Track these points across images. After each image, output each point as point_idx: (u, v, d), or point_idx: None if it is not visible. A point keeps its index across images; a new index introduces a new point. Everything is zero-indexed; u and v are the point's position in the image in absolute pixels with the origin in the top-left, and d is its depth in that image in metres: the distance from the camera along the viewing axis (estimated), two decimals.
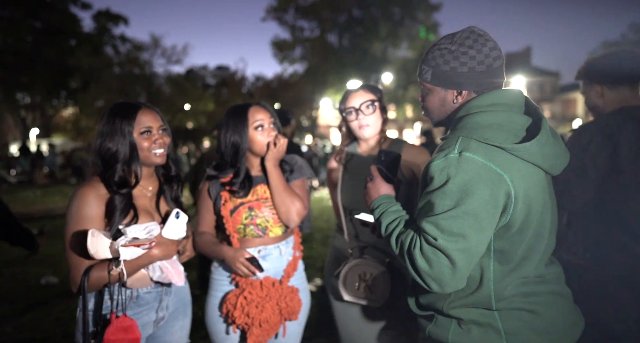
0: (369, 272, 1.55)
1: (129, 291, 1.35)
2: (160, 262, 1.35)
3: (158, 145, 1.40)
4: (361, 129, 1.65)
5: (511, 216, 0.96)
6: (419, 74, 1.13)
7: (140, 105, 1.42)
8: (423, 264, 0.94)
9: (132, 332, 1.26)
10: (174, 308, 1.47)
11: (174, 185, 1.50)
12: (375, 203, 1.15)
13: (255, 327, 1.48)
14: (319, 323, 2.92)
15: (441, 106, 1.10)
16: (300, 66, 23.27)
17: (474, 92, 1.06)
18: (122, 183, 1.35)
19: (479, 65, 1.02)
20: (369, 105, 1.65)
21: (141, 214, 1.39)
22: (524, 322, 1.02)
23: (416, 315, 1.19)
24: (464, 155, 0.95)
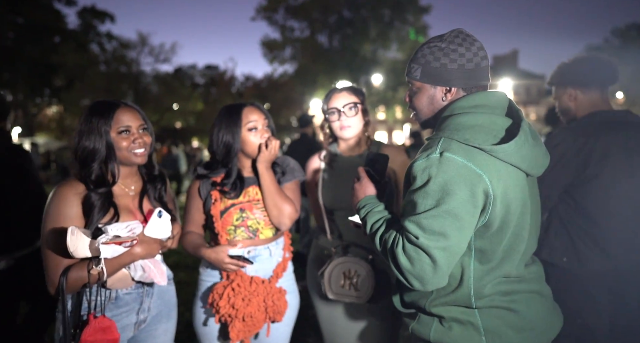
0: (354, 269, 1.57)
1: (107, 292, 1.32)
2: (143, 261, 1.33)
3: (137, 144, 1.37)
4: (342, 130, 1.67)
5: (490, 215, 0.98)
6: (407, 73, 1.14)
7: (119, 103, 1.39)
8: (405, 262, 0.96)
9: (111, 333, 1.23)
10: (157, 311, 1.43)
11: (158, 185, 1.48)
12: (361, 203, 1.17)
13: (238, 320, 1.46)
14: (306, 322, 2.91)
15: (429, 104, 1.11)
16: (290, 66, 23.24)
17: (462, 91, 1.08)
18: (99, 182, 1.33)
19: (468, 62, 1.04)
20: (351, 107, 1.66)
21: (123, 213, 1.36)
22: (503, 320, 1.04)
23: (400, 312, 1.20)
24: (445, 155, 0.97)
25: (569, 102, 1.72)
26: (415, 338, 1.15)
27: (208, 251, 1.47)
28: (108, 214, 1.31)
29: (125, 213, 1.37)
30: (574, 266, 1.60)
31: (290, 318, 1.64)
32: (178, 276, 1.55)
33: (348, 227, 1.65)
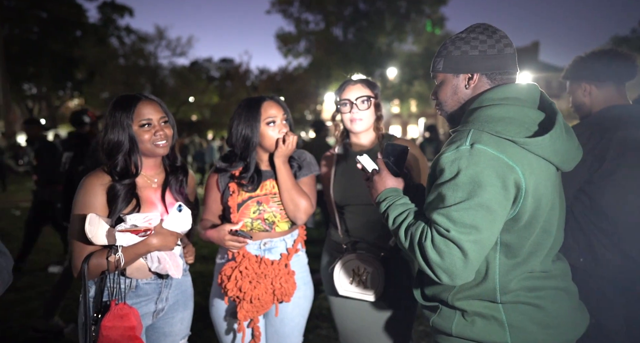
0: (363, 266, 1.55)
1: (128, 280, 1.37)
2: (159, 252, 1.36)
3: (159, 137, 1.41)
4: (353, 123, 1.64)
5: (520, 209, 0.96)
6: (432, 69, 1.14)
7: (140, 97, 1.43)
8: (434, 256, 0.94)
9: (129, 320, 1.27)
10: (174, 301, 1.49)
11: (180, 176, 1.52)
12: (381, 196, 1.15)
13: (246, 302, 1.49)
14: (320, 314, 3.00)
15: (453, 94, 1.10)
16: (304, 60, 23.18)
17: (486, 79, 1.06)
18: (123, 174, 1.38)
19: (490, 48, 1.04)
20: (364, 100, 1.62)
21: (145, 204, 1.41)
22: (528, 316, 1.02)
23: (421, 305, 1.19)
24: (476, 147, 0.94)
25: (583, 98, 1.67)
26: (436, 332, 1.14)
27: (211, 231, 1.51)
28: (130, 205, 1.36)
29: (147, 204, 1.42)
30: (591, 266, 1.56)
31: (304, 309, 1.66)
32: (193, 267, 1.63)
33: (358, 223, 1.65)
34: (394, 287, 1.55)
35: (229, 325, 1.61)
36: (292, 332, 1.64)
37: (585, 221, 1.58)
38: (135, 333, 1.27)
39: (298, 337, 1.67)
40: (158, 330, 1.48)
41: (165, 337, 1.49)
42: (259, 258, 1.55)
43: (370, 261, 1.55)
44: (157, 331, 1.48)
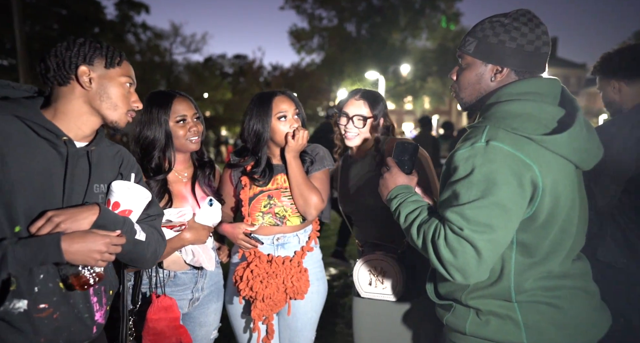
0: (379, 266, 1.53)
1: (166, 271, 1.43)
2: (193, 246, 1.41)
3: (192, 132, 1.46)
4: (345, 139, 1.63)
5: (536, 208, 0.94)
6: (460, 47, 1.07)
7: (175, 94, 1.48)
8: (447, 254, 0.92)
9: (172, 311, 1.34)
10: (209, 291, 1.54)
11: (207, 170, 1.57)
12: (392, 193, 1.13)
13: (259, 301, 1.52)
14: (335, 310, 3.06)
15: (476, 83, 1.05)
16: (317, 56, 23.13)
17: (514, 75, 1.01)
18: (157, 170, 1.43)
19: (529, 44, 0.98)
20: (360, 119, 1.59)
21: (176, 198, 1.46)
22: (544, 316, 0.99)
23: (435, 304, 1.17)
24: (491, 144, 0.92)
25: (614, 95, 1.61)
26: (449, 330, 1.12)
27: (227, 225, 1.54)
28: (163, 200, 1.41)
29: (178, 198, 1.46)
30: (632, 267, 1.48)
31: (317, 304, 1.66)
32: None
33: (369, 226, 1.64)
34: (416, 285, 1.53)
35: (244, 323, 1.65)
36: (305, 326, 1.66)
37: (624, 220, 1.49)
38: (179, 322, 1.34)
39: (311, 331, 1.69)
40: (194, 320, 1.54)
41: (201, 326, 1.55)
42: (270, 257, 1.57)
43: (386, 260, 1.54)
44: (193, 321, 1.54)
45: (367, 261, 1.57)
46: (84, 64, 1.02)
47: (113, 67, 1.06)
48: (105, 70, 1.05)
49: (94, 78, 1.04)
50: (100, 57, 1.05)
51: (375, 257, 1.56)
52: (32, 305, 0.96)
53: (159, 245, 1.16)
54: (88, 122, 1.06)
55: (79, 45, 1.03)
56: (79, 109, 1.04)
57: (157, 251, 1.16)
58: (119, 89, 1.07)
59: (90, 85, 1.03)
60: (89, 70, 1.03)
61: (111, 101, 1.06)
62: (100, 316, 1.09)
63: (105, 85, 1.05)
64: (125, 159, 1.19)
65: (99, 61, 1.05)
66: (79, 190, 1.04)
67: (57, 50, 1.03)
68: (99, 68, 1.05)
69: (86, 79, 1.02)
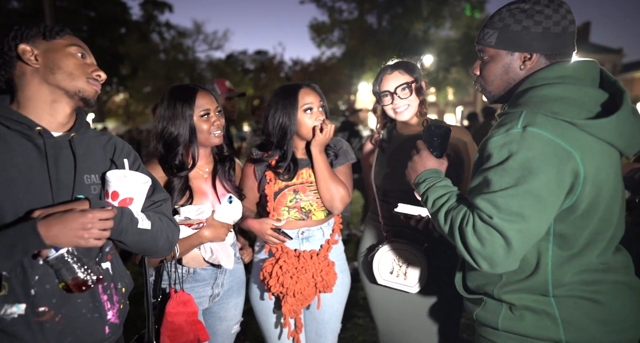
0: (404, 256, 1.50)
1: (186, 268, 1.43)
2: (211, 243, 1.40)
3: (216, 126, 1.43)
4: (397, 115, 1.59)
5: (577, 198, 0.89)
6: (479, 41, 1.03)
7: (197, 88, 1.44)
8: (475, 242, 0.89)
9: (191, 306, 1.34)
10: (228, 287, 1.54)
11: (227, 164, 1.55)
12: (421, 177, 1.09)
13: (289, 296, 1.51)
14: (356, 303, 3.07)
15: (504, 74, 1.00)
16: (338, 49, 22.93)
17: (544, 59, 0.97)
18: (181, 166, 1.40)
19: (555, 26, 0.93)
20: (404, 88, 1.56)
21: (197, 194, 1.43)
22: (584, 311, 0.96)
23: (463, 298, 1.15)
24: (529, 130, 0.87)
25: None
26: (480, 325, 1.09)
27: (253, 221, 1.53)
28: (184, 197, 1.40)
29: (199, 194, 1.44)
30: None
31: (342, 296, 1.67)
32: None
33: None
34: (437, 280, 1.49)
35: (274, 319, 1.64)
36: (331, 318, 1.66)
37: None
38: (197, 317, 1.34)
39: (336, 323, 1.69)
40: (214, 314, 1.54)
41: (221, 321, 1.56)
42: (297, 253, 1.56)
43: (411, 251, 1.50)
44: (213, 315, 1.55)
45: (391, 249, 1.53)
46: (21, 42, 0.97)
47: (54, 38, 1.00)
48: (46, 42, 0.99)
49: (38, 54, 0.98)
50: (37, 33, 1.00)
51: (402, 246, 1.51)
52: (30, 309, 0.91)
53: (170, 231, 1.10)
54: (56, 105, 1.00)
55: (14, 31, 0.99)
56: (38, 90, 0.98)
57: (169, 237, 1.10)
58: (70, 59, 1.00)
59: (37, 61, 0.98)
60: (31, 47, 0.98)
61: (63, 71, 0.99)
62: (113, 315, 1.05)
63: (52, 57, 0.99)
64: (118, 147, 1.13)
65: (36, 36, 0.99)
66: (67, 182, 0.98)
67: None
68: (39, 42, 0.99)
69: (30, 56, 0.97)
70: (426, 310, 1.58)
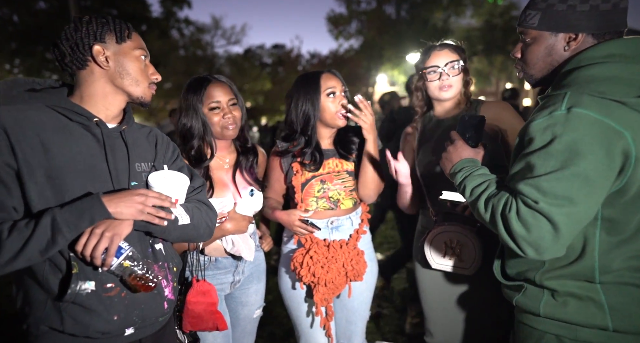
0: (456, 239, 1.47)
1: (207, 257, 1.47)
2: (233, 235, 1.43)
3: (227, 119, 1.42)
4: (442, 90, 1.54)
5: (628, 180, 0.86)
6: (520, 23, 1.01)
7: (210, 79, 1.44)
8: (519, 229, 0.87)
9: (210, 297, 1.37)
10: (249, 273, 1.58)
11: (250, 157, 1.55)
12: (457, 167, 1.09)
13: (321, 286, 1.53)
14: (381, 295, 3.08)
15: (547, 56, 0.97)
16: (355, 41, 22.69)
17: (592, 39, 0.93)
18: (198, 158, 1.43)
19: (604, 3, 0.89)
20: (454, 66, 1.53)
21: (217, 185, 1.45)
22: (633, 298, 0.93)
23: (502, 285, 1.14)
24: (574, 111, 0.85)
25: None
26: (520, 311, 1.07)
27: (281, 213, 1.55)
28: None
29: (219, 186, 1.46)
30: None
31: (371, 284, 1.70)
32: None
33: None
34: (491, 263, 1.48)
35: (306, 307, 1.66)
36: (361, 306, 1.68)
37: None
38: (215, 308, 1.38)
39: (366, 310, 1.71)
40: (236, 299, 1.59)
41: (243, 306, 1.60)
42: (327, 243, 1.57)
43: (463, 232, 1.46)
44: (235, 300, 1.59)
45: (442, 232, 1.49)
46: (96, 42, 1.01)
47: (124, 41, 1.04)
48: (117, 45, 1.04)
49: (109, 56, 1.02)
50: (109, 32, 1.03)
51: (453, 228, 1.48)
52: (99, 285, 0.98)
53: (209, 219, 1.16)
54: (115, 101, 1.06)
55: (86, 24, 1.01)
56: (102, 89, 1.04)
57: (209, 224, 1.16)
58: (136, 63, 1.06)
59: (108, 64, 1.02)
60: (103, 48, 1.02)
61: (131, 77, 1.05)
62: (169, 292, 1.12)
63: (122, 62, 1.04)
64: (159, 137, 1.19)
65: (109, 37, 1.03)
66: (123, 169, 1.05)
67: (67, 33, 1.01)
68: (111, 44, 1.03)
69: (102, 59, 1.01)
70: (481, 294, 1.53)
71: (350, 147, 1.65)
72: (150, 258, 1.09)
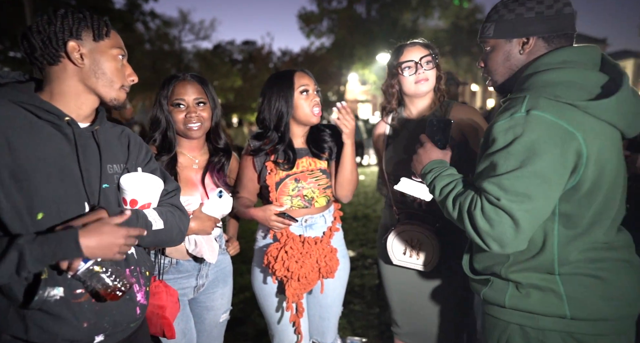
0: (416, 237, 1.54)
1: (168, 259, 1.43)
2: (196, 236, 1.40)
3: (190, 119, 1.41)
4: (418, 84, 1.57)
5: (581, 177, 0.92)
6: (480, 36, 1.09)
7: (179, 76, 1.44)
8: (484, 224, 0.92)
9: (159, 299, 1.32)
10: (214, 277, 1.55)
11: (221, 158, 1.53)
12: (427, 168, 1.14)
13: (293, 281, 1.54)
14: (352, 290, 3.13)
15: (505, 61, 1.04)
16: (327, 39, 22.75)
17: (543, 42, 1.00)
18: (160, 151, 1.41)
19: (548, 9, 0.97)
20: (429, 61, 1.57)
21: (186, 184, 1.43)
22: (588, 288, 0.99)
23: (470, 279, 1.18)
24: (532, 113, 0.90)
25: None
26: (487, 303, 1.12)
27: (256, 209, 1.54)
28: None
29: (187, 184, 1.44)
30: None
31: (343, 280, 1.72)
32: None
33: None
34: (450, 258, 1.54)
35: (276, 303, 1.66)
36: (334, 302, 1.70)
37: None
38: (164, 312, 1.31)
39: (339, 306, 1.74)
40: (201, 304, 1.56)
41: (208, 311, 1.57)
42: (302, 238, 1.59)
43: (423, 231, 1.54)
44: (199, 305, 1.56)
45: (404, 231, 1.57)
46: (71, 38, 0.95)
47: (102, 39, 0.99)
48: (94, 43, 0.98)
49: (85, 53, 0.97)
50: (87, 28, 0.97)
51: (414, 228, 1.56)
52: (68, 291, 0.95)
53: (182, 223, 1.15)
54: (87, 101, 1.01)
55: (62, 18, 0.95)
56: (75, 87, 0.98)
57: (182, 229, 1.15)
58: (113, 63, 1.00)
59: (83, 61, 0.97)
60: (79, 45, 0.96)
61: (107, 77, 1.00)
62: (141, 296, 1.10)
63: (97, 60, 0.98)
64: (132, 138, 1.15)
65: (86, 34, 0.97)
66: (94, 171, 1.01)
67: (39, 26, 0.94)
68: (88, 41, 0.97)
69: (77, 55, 0.96)
70: (439, 287, 1.63)
71: (322, 146, 1.66)
72: (122, 263, 1.05)
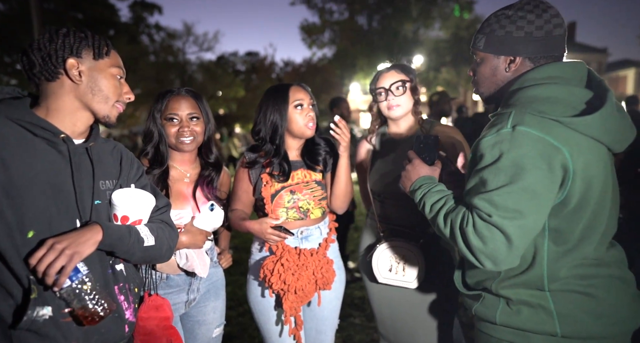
0: (401, 254, 1.55)
1: (159, 273, 1.42)
2: (187, 250, 1.39)
3: (183, 133, 1.42)
4: (390, 110, 1.64)
5: (568, 192, 0.92)
6: (472, 45, 1.10)
7: (175, 91, 1.46)
8: (476, 242, 0.91)
9: (163, 311, 1.32)
10: (205, 291, 1.53)
11: (212, 173, 1.53)
12: (416, 185, 1.13)
13: (290, 293, 1.52)
14: (352, 303, 3.09)
15: (492, 76, 1.06)
16: (328, 50, 22.99)
17: (529, 62, 1.01)
18: (152, 164, 1.42)
19: (537, 30, 0.97)
20: (399, 86, 1.62)
21: (177, 198, 1.43)
22: (578, 305, 0.98)
23: (462, 294, 1.18)
24: (518, 129, 0.91)
25: None
26: (479, 320, 1.11)
27: (252, 222, 1.53)
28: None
29: (179, 198, 1.44)
30: None
31: (340, 292, 1.71)
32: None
33: (396, 211, 1.65)
34: (434, 275, 1.54)
35: (274, 317, 1.64)
36: (330, 314, 1.69)
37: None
38: (170, 323, 1.33)
39: (335, 319, 1.72)
40: (192, 318, 1.53)
41: (200, 325, 1.55)
42: (298, 250, 1.58)
43: (408, 248, 1.55)
44: (191, 319, 1.53)
45: (389, 247, 1.58)
46: (71, 56, 0.96)
47: (102, 58, 1.01)
48: (94, 61, 1.00)
49: (83, 71, 0.98)
50: (87, 47, 0.99)
51: (399, 244, 1.56)
52: (57, 311, 0.93)
53: (171, 240, 1.15)
54: (82, 118, 1.02)
55: (63, 37, 0.96)
56: (70, 104, 0.99)
57: (171, 246, 1.15)
58: (111, 81, 1.02)
59: (81, 78, 0.98)
60: (78, 62, 0.97)
61: (103, 94, 1.01)
62: (130, 314, 1.08)
63: (95, 78, 1.00)
64: (124, 153, 1.16)
65: (86, 52, 0.99)
66: (87, 187, 1.01)
67: (40, 43, 0.96)
68: (88, 60, 0.99)
69: (75, 73, 0.97)
70: (425, 303, 1.63)
71: (317, 159, 1.68)
72: (111, 280, 1.05)
